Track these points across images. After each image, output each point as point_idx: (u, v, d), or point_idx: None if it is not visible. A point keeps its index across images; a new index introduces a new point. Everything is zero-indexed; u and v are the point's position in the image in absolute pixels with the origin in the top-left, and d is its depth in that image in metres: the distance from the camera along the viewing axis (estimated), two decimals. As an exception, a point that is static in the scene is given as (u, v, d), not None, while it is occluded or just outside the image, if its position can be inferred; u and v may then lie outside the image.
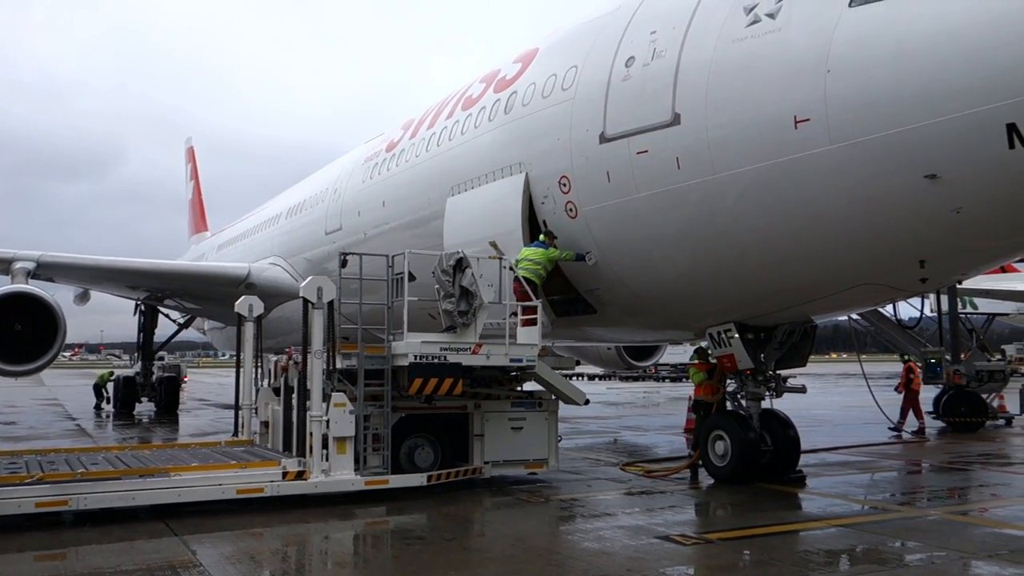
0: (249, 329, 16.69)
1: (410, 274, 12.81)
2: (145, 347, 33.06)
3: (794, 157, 10.22)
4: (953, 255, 10.64)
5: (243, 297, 17.11)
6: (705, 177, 11.20)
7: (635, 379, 59.27)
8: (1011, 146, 8.72)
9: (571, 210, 13.36)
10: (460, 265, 12.82)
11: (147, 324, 33.05)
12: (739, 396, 13.89)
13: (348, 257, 13.01)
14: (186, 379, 56.05)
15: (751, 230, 11.18)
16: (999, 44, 8.76)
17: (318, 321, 12.20)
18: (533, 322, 13.15)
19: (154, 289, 29.95)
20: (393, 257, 13.20)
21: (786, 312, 12.76)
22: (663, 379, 60.22)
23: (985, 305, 42.71)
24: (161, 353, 36.97)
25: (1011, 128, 8.68)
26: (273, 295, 23.88)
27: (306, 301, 12.26)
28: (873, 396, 19.56)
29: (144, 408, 32.41)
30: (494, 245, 13.72)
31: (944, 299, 25.44)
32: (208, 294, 28.83)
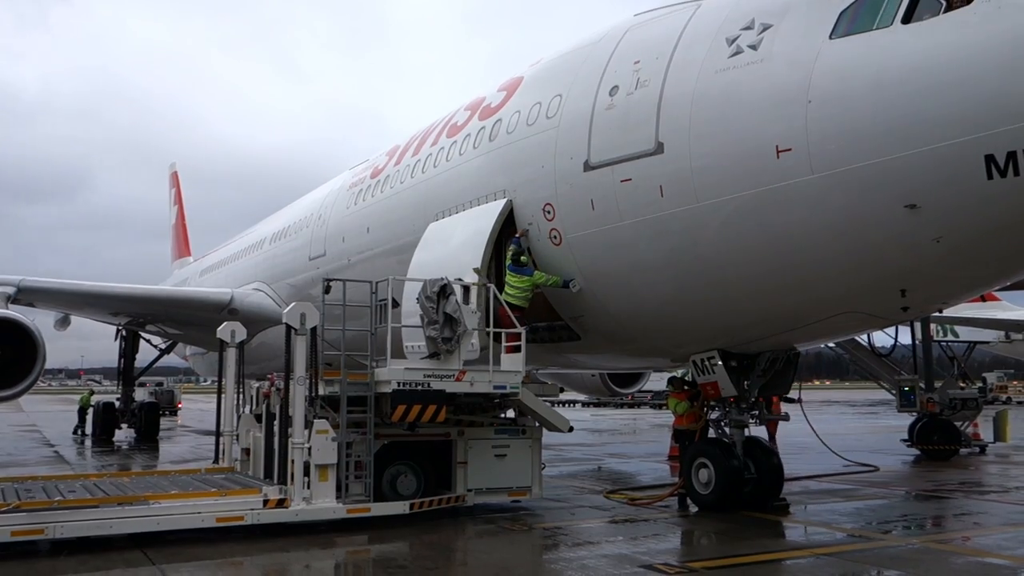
0: (231, 355, 16.57)
1: (393, 300, 12.79)
2: (126, 373, 32.77)
3: (776, 186, 10.31)
4: (934, 284, 10.73)
5: (225, 323, 17.01)
6: (688, 205, 11.28)
7: (620, 406, 59.20)
8: (989, 176, 8.85)
9: (555, 237, 13.40)
10: (444, 291, 12.82)
11: (128, 350, 32.79)
12: (723, 424, 13.89)
13: (331, 283, 12.97)
14: (180, 405, 55.84)
15: (734, 258, 11.25)
16: (976, 76, 8.92)
17: (301, 347, 12.14)
18: (518, 348, 13.14)
19: (136, 314, 29.75)
20: (377, 283, 13.19)
21: (769, 340, 12.81)
22: (644, 405, 60.18)
23: (966, 333, 43.06)
24: (159, 379, 36.85)
25: (989, 159, 8.81)
26: (256, 321, 23.76)
27: (289, 327, 12.20)
28: (812, 428, 18.44)
29: (124, 435, 32.06)
30: (478, 272, 13.71)
31: (919, 327, 25.64)
32: (191, 319, 28.67)
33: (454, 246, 14.70)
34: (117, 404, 32.13)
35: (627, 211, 12.10)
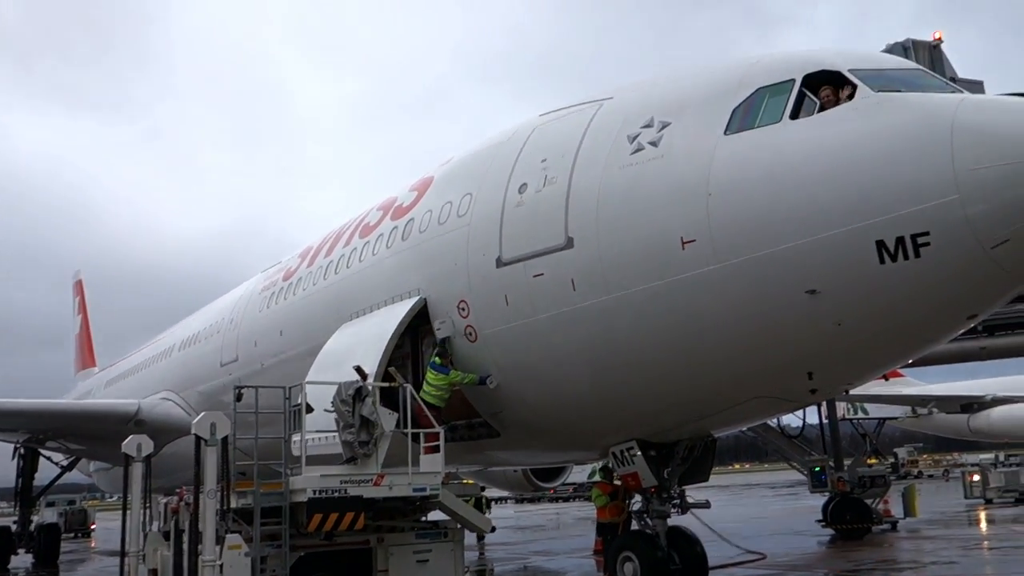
0: (137, 470, 15.79)
1: (308, 406, 12.50)
2: (24, 493, 30.79)
3: (683, 276, 10.58)
4: (838, 366, 11.05)
5: (131, 436, 16.25)
6: (600, 298, 11.45)
7: (546, 500, 58.46)
8: (881, 261, 9.27)
9: (470, 334, 13.40)
10: (360, 394, 12.59)
11: (27, 468, 30.87)
12: (645, 515, 13.81)
13: (243, 390, 12.61)
14: (93, 525, 51.89)
15: (647, 348, 11.41)
16: (861, 167, 9.44)
17: (211, 458, 11.68)
18: (436, 449, 12.92)
19: (35, 430, 28.24)
20: (290, 388, 12.88)
21: (686, 427, 12.92)
22: (569, 499, 59.61)
23: (875, 410, 44.39)
24: (71, 497, 34.69)
25: (880, 244, 9.25)
26: (165, 431, 22.83)
27: (198, 438, 11.75)
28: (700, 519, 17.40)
29: (20, 561, 29.99)
30: (394, 373, 13.55)
31: (826, 407, 26.29)
32: (95, 433, 27.34)
33: (357, 347, 14.51)
34: (13, 527, 30.10)
35: (541, 305, 12.22)
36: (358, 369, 12.99)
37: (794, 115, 10.21)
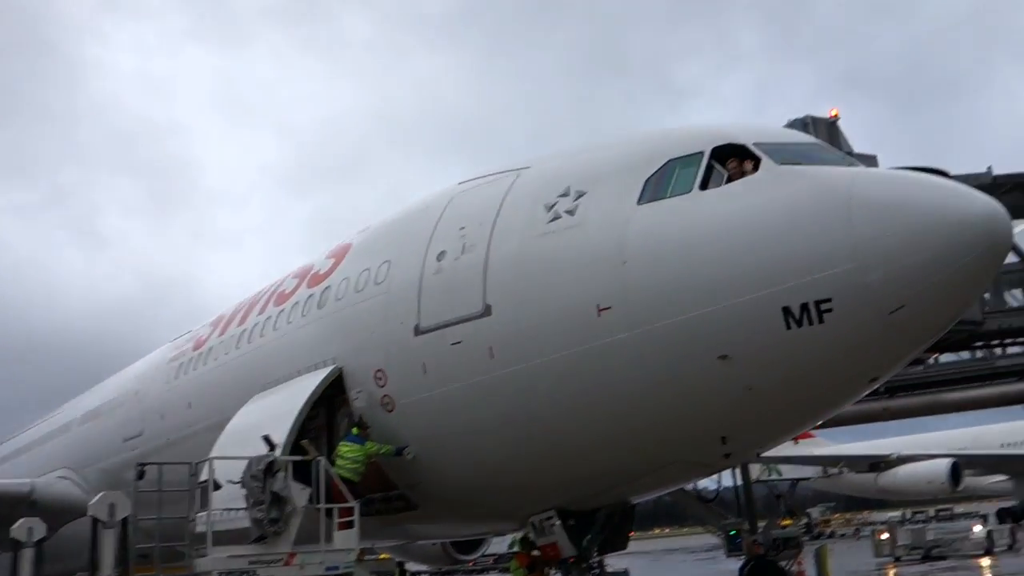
0: (27, 556, 14.85)
1: (215, 482, 12.03)
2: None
3: (600, 344, 10.68)
4: (750, 430, 11.26)
5: (21, 520, 15.31)
6: (518, 366, 11.45)
7: (467, 573, 57.23)
8: (788, 327, 9.56)
9: (387, 404, 13.19)
10: (271, 469, 12.18)
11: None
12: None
13: (145, 467, 12.09)
14: None
15: (566, 416, 11.41)
16: (768, 236, 9.80)
17: (109, 542, 11.08)
18: (351, 524, 12.54)
19: (-88, 518, 26.36)
20: (197, 464, 12.40)
21: (605, 495, 12.89)
22: (490, 571, 58.53)
23: (788, 471, 45.24)
24: None
25: (786, 311, 9.54)
26: (61, 513, 21.58)
27: (95, 520, 11.15)
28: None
29: None
30: (307, 446, 13.18)
31: (740, 470, 26.63)
32: (-17, 517, 25.69)
33: (267, 419, 14.12)
34: None
35: (459, 374, 12.13)
36: (267, 438, 12.61)
37: (703, 186, 10.55)
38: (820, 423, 14.88)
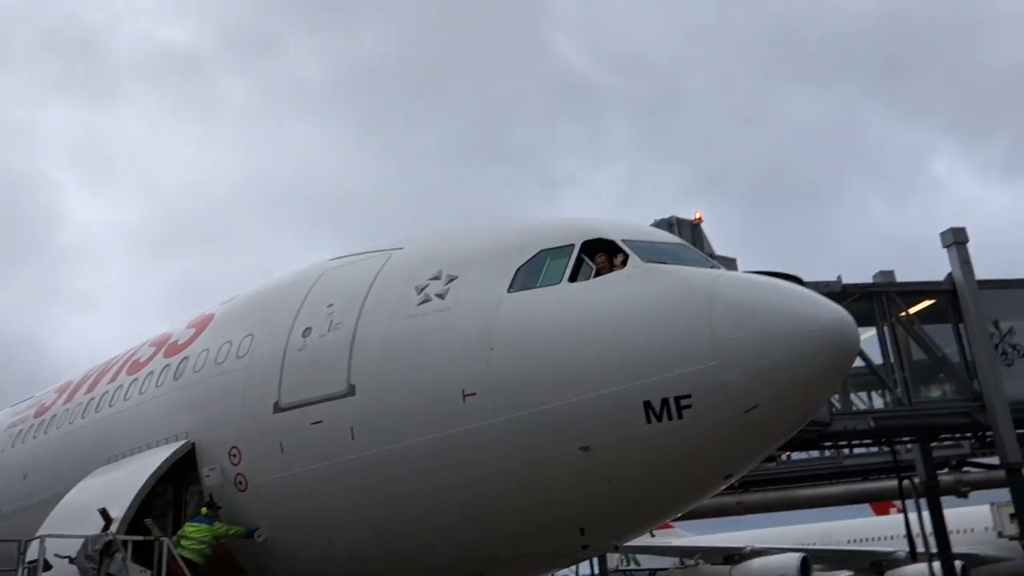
0: None
1: (45, 562, 11.16)
2: None
3: (463, 429, 10.62)
4: (609, 522, 11.33)
5: None
6: (379, 448, 11.23)
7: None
8: (648, 421, 9.76)
9: (240, 483, 12.65)
10: (109, 549, 11.41)
11: None
12: None
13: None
14: None
15: (424, 503, 11.22)
16: (633, 330, 10.07)
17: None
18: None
19: None
20: (26, 542, 11.49)
21: (464, 581, 12.65)
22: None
23: (647, 561, 45.58)
24: None
25: (647, 405, 9.76)
26: None
27: None
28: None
29: None
30: (150, 525, 12.44)
31: (598, 559, 26.79)
32: None
33: (108, 494, 13.30)
34: None
35: (318, 454, 11.79)
36: (103, 512, 11.83)
37: (573, 278, 10.79)
38: (678, 515, 15.15)
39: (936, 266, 20.60)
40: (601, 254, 10.92)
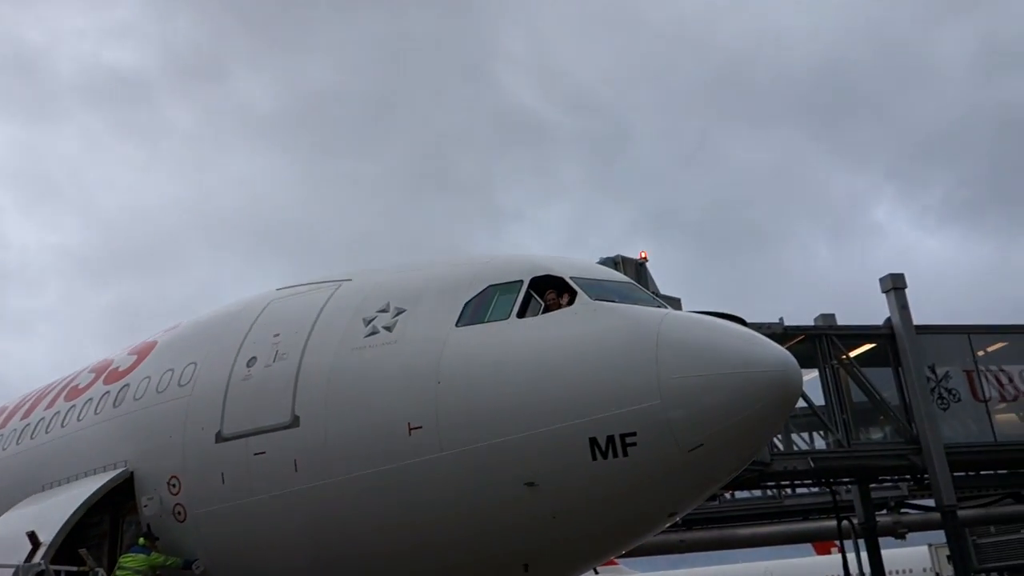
0: None
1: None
2: None
3: (409, 463, 10.56)
4: (554, 558, 11.27)
5: None
6: (323, 480, 11.11)
7: None
8: (593, 457, 9.82)
9: (179, 513, 12.40)
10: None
11: None
12: None
13: None
14: None
15: (367, 538, 11.11)
16: (580, 367, 10.14)
17: None
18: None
19: None
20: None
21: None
22: None
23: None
24: None
25: (592, 441, 9.82)
26: None
27: None
28: None
29: None
30: (84, 556, 12.09)
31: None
32: None
33: (37, 523, 12.89)
34: None
35: (260, 485, 11.62)
36: (31, 535, 11.47)
37: (521, 314, 10.86)
38: (622, 552, 15.17)
39: (876, 309, 21.13)
40: (550, 291, 11.01)
